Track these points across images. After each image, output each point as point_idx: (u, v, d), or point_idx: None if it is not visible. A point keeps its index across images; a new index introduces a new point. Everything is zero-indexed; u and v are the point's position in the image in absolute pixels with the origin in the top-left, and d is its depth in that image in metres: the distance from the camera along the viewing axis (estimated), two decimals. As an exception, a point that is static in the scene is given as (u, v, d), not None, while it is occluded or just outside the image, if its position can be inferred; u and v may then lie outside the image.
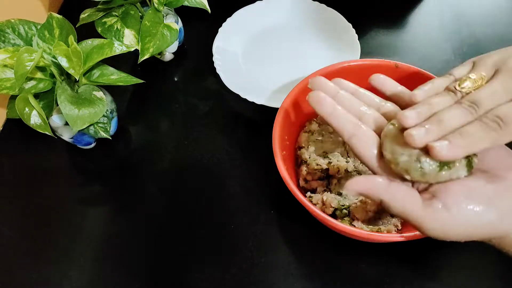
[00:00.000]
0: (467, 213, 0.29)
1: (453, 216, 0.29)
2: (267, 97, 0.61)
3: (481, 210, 0.29)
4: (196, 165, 0.60)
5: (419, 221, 0.30)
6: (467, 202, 0.29)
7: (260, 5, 0.72)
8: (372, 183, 0.31)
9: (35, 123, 0.52)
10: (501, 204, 0.30)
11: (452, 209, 0.29)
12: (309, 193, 0.53)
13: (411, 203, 0.30)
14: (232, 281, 0.50)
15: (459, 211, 0.29)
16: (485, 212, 0.29)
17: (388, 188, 0.31)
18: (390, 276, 0.50)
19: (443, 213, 0.29)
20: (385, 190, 0.31)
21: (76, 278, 0.51)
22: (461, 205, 0.29)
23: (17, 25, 0.53)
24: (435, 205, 0.30)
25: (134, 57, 0.66)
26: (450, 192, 0.30)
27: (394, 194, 0.30)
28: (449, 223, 0.29)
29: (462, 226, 0.29)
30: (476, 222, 0.29)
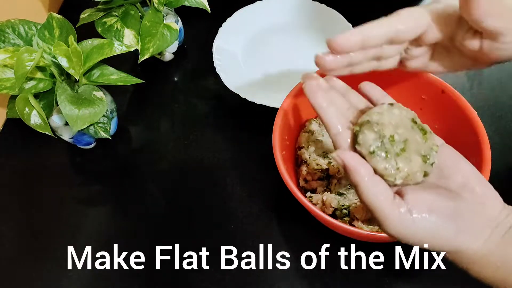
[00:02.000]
0: (427, 223, 0.31)
1: (415, 222, 0.31)
2: (267, 97, 0.61)
3: (440, 223, 0.31)
4: (196, 165, 0.60)
5: (384, 216, 0.32)
6: (429, 213, 0.31)
7: (260, 5, 0.72)
8: (361, 164, 0.32)
9: (35, 123, 0.52)
10: (458, 222, 0.32)
11: (415, 216, 0.31)
12: (309, 193, 0.53)
13: (384, 198, 0.32)
14: (232, 281, 0.50)
15: (421, 220, 0.31)
16: (443, 226, 0.31)
17: (371, 176, 0.32)
18: (390, 276, 0.50)
19: (407, 217, 0.31)
20: (368, 177, 0.32)
21: (76, 278, 0.51)
22: (423, 214, 0.31)
23: (17, 25, 0.53)
24: (402, 208, 0.32)
25: (134, 57, 0.66)
26: (417, 200, 0.32)
27: (373, 185, 0.32)
28: (409, 227, 0.31)
29: (420, 233, 0.31)
30: (433, 233, 0.32)
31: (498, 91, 0.64)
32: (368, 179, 0.32)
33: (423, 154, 0.34)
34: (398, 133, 0.34)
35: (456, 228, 0.31)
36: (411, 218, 0.31)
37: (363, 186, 0.32)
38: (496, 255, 0.31)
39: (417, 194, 0.32)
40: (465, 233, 0.32)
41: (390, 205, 0.32)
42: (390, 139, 0.33)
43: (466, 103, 0.49)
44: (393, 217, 0.31)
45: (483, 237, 0.32)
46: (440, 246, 0.32)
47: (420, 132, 0.35)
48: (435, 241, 0.32)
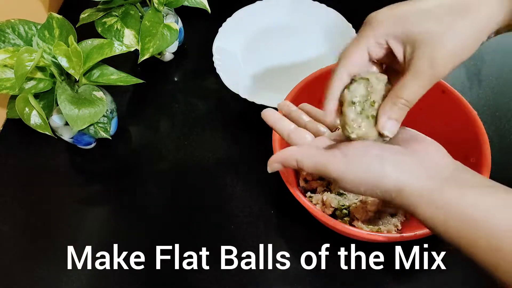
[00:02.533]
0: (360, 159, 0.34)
1: (348, 160, 0.34)
2: (267, 97, 0.61)
3: (372, 160, 0.34)
4: (196, 165, 0.60)
5: (323, 163, 0.35)
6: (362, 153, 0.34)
7: (260, 5, 0.72)
8: (286, 151, 0.38)
9: (35, 123, 0.52)
10: (394, 160, 0.34)
11: (348, 155, 0.34)
12: (309, 193, 0.53)
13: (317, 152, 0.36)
14: (232, 281, 0.50)
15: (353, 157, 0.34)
16: (376, 163, 0.34)
17: (299, 149, 0.38)
18: (390, 276, 0.50)
19: (340, 157, 0.35)
20: (297, 151, 0.37)
21: (76, 278, 0.51)
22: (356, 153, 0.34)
23: (17, 25, 0.53)
24: (335, 152, 0.35)
25: (134, 57, 0.66)
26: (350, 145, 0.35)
27: (305, 150, 0.37)
28: (344, 164, 0.34)
29: (354, 170, 0.34)
30: (366, 168, 0.34)
31: (498, 91, 0.64)
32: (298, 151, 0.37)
33: None
34: (379, 103, 0.36)
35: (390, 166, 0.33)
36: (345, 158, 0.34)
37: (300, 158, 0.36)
38: (435, 195, 0.32)
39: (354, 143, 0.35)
40: (402, 172, 0.33)
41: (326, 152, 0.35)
42: (371, 103, 0.36)
43: (466, 103, 0.49)
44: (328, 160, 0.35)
45: (422, 177, 0.33)
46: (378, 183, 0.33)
47: None
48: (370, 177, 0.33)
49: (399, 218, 0.51)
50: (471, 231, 0.30)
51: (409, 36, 0.35)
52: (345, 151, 0.35)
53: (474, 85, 0.65)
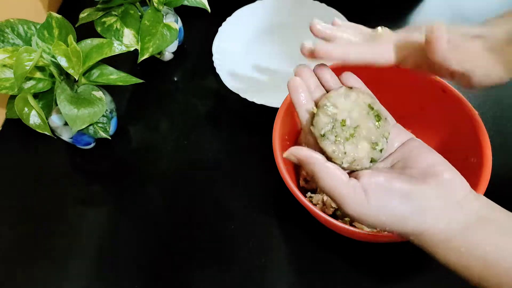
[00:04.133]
0: (382, 202, 0.32)
1: (370, 202, 0.32)
2: (267, 97, 0.61)
3: (395, 202, 0.32)
4: (195, 165, 0.60)
5: (341, 197, 0.33)
6: (384, 193, 0.32)
7: (260, 4, 0.72)
8: (312, 155, 0.34)
9: (35, 123, 0.52)
10: (416, 202, 0.32)
11: (369, 193, 0.32)
12: (309, 193, 0.53)
13: (338, 179, 0.33)
14: (232, 281, 0.50)
15: (375, 197, 0.32)
16: (398, 204, 0.32)
17: (323, 163, 0.34)
18: (390, 276, 0.50)
19: (362, 196, 0.32)
20: (321, 164, 0.34)
21: (76, 278, 0.51)
22: (377, 192, 0.32)
23: (16, 24, 0.53)
24: (356, 186, 0.33)
25: (133, 57, 0.66)
26: (372, 182, 0.33)
27: (327, 170, 0.33)
28: (365, 206, 0.32)
29: (375, 212, 0.32)
30: (388, 211, 0.32)
31: (499, 91, 0.64)
32: (322, 165, 0.33)
33: (373, 141, 0.35)
34: (351, 118, 0.35)
35: (414, 208, 0.32)
36: (365, 197, 0.32)
37: (318, 172, 0.33)
38: (458, 240, 0.31)
39: (373, 177, 0.33)
40: (425, 214, 0.32)
41: (345, 186, 0.33)
42: (341, 124, 0.35)
43: (467, 102, 0.49)
44: (349, 197, 0.32)
45: (444, 219, 0.32)
46: (400, 226, 0.32)
47: (374, 119, 0.36)
48: (391, 220, 0.32)
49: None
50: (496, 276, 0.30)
51: None
52: (366, 185, 0.33)
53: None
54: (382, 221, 0.32)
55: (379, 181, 0.33)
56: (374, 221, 0.32)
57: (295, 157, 0.35)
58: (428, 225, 0.32)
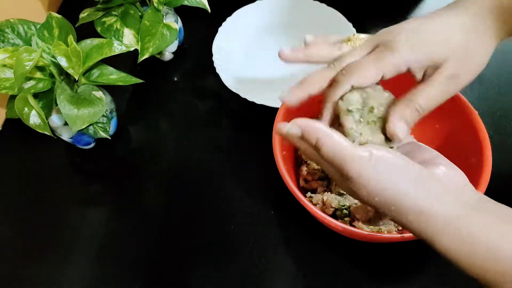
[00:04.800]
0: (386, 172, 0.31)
1: (374, 164, 0.31)
2: (267, 97, 0.61)
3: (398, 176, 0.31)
4: (196, 165, 0.60)
5: (344, 158, 0.31)
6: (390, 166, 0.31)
7: (260, 4, 0.72)
8: (314, 123, 0.33)
9: (35, 123, 0.52)
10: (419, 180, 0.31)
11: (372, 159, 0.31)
12: (309, 193, 0.53)
13: (342, 143, 0.32)
14: (232, 281, 0.50)
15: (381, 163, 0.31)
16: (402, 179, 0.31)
17: (326, 129, 0.32)
18: (390, 276, 0.50)
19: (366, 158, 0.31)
20: (324, 131, 0.32)
21: (76, 278, 0.51)
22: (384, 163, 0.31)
23: (16, 24, 0.53)
24: (362, 149, 0.31)
25: (133, 57, 0.66)
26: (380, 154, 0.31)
27: (332, 135, 0.32)
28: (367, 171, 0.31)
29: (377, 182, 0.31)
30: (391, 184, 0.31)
31: (499, 91, 0.64)
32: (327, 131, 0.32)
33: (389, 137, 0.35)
34: (379, 109, 0.35)
35: (417, 185, 0.31)
36: (370, 162, 0.31)
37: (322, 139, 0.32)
38: (461, 224, 0.30)
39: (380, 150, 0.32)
40: (426, 192, 0.31)
41: (353, 147, 0.32)
42: (369, 109, 0.35)
43: (466, 102, 0.49)
44: (353, 157, 0.31)
45: (447, 201, 0.31)
46: (401, 199, 0.31)
47: None
48: (395, 192, 0.31)
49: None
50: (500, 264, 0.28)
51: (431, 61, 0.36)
52: (373, 152, 0.31)
53: (475, 85, 0.65)
54: (384, 189, 0.31)
55: (388, 156, 0.32)
56: (371, 192, 0.31)
57: (298, 126, 0.33)
58: (428, 203, 0.30)
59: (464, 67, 0.36)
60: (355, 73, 0.36)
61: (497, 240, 0.29)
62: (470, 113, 0.49)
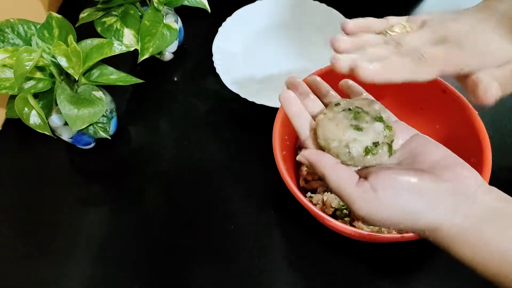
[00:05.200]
0: (392, 198, 0.31)
1: (379, 198, 0.31)
2: (267, 97, 0.61)
3: (406, 197, 0.31)
4: (196, 165, 0.60)
5: (350, 198, 0.32)
6: (393, 189, 0.31)
7: (260, 4, 0.72)
8: (323, 158, 0.35)
9: (35, 123, 0.52)
10: (428, 196, 0.31)
11: (378, 191, 0.31)
12: (309, 193, 0.53)
13: (347, 181, 0.33)
14: (232, 281, 0.50)
15: (384, 194, 0.31)
16: (410, 200, 0.31)
17: (333, 166, 0.34)
18: (390, 276, 0.50)
19: (371, 194, 0.32)
20: (331, 167, 0.34)
21: (76, 278, 0.51)
22: (387, 188, 0.31)
23: (16, 24, 0.53)
24: (365, 185, 0.32)
25: (133, 57, 0.66)
26: (379, 176, 0.32)
27: (337, 172, 0.34)
28: (374, 204, 0.31)
29: (386, 209, 0.31)
30: (400, 208, 0.31)
31: (498, 91, 0.64)
32: (332, 167, 0.34)
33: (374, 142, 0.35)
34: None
35: (426, 202, 0.31)
36: (375, 195, 0.31)
37: (328, 174, 0.34)
38: (473, 234, 0.30)
39: (381, 173, 0.32)
40: (438, 209, 0.31)
41: (354, 186, 0.32)
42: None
43: (467, 103, 0.49)
44: (358, 196, 0.32)
45: (458, 214, 0.31)
46: (413, 222, 0.31)
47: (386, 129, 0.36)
48: (403, 217, 0.31)
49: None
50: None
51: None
52: (374, 182, 0.32)
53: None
54: (394, 219, 0.31)
55: (388, 177, 0.32)
56: (386, 220, 0.32)
57: (306, 160, 0.36)
58: (441, 220, 0.31)
59: None
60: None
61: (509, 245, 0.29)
62: (470, 113, 0.49)
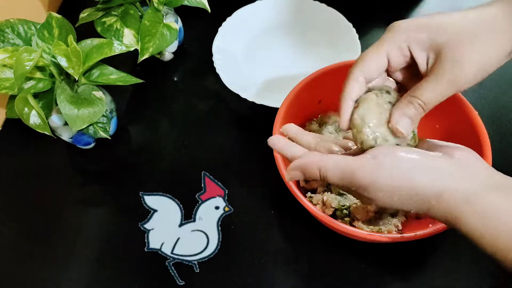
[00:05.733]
0: (394, 163, 0.31)
1: (380, 163, 0.31)
2: (267, 97, 0.61)
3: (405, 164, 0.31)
4: (195, 165, 0.59)
5: (350, 169, 0.32)
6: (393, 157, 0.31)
7: (260, 4, 0.72)
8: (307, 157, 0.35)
9: (35, 123, 0.52)
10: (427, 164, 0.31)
11: (379, 157, 0.31)
12: (309, 193, 0.53)
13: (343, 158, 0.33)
14: (232, 281, 0.50)
15: (385, 160, 0.31)
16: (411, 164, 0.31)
17: (322, 156, 0.34)
18: (390, 276, 0.50)
19: (371, 160, 0.31)
20: (321, 158, 0.34)
21: (76, 278, 0.51)
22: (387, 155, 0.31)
23: (16, 24, 0.53)
24: (364, 156, 0.32)
25: (133, 57, 0.66)
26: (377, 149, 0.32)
27: (329, 157, 0.34)
28: (376, 170, 0.31)
29: (390, 176, 0.31)
30: (404, 172, 0.31)
31: (498, 91, 0.64)
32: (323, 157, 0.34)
33: None
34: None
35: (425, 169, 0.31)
36: (376, 161, 0.31)
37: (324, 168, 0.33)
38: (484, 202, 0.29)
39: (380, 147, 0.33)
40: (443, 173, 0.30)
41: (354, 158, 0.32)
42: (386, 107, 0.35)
43: (466, 102, 0.49)
44: (359, 165, 0.32)
45: (466, 178, 0.30)
46: (419, 188, 0.30)
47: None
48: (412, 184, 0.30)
49: (400, 218, 0.51)
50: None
51: (433, 42, 0.34)
52: (374, 154, 0.32)
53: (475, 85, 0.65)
54: (395, 183, 0.31)
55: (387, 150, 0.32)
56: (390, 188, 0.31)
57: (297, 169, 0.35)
58: (448, 184, 0.30)
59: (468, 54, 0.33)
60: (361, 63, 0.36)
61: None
62: (470, 113, 0.49)
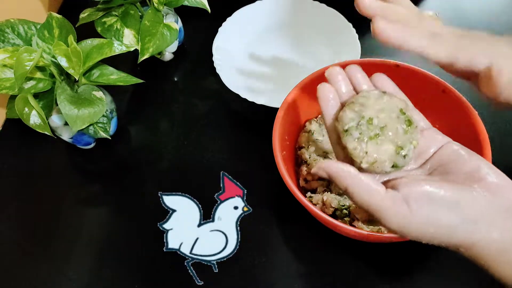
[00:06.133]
0: (426, 212, 0.29)
1: (412, 212, 0.29)
2: (267, 97, 0.61)
3: (441, 212, 0.29)
4: (196, 165, 0.60)
5: (379, 211, 0.30)
6: (427, 202, 0.30)
7: (260, 4, 0.72)
8: (342, 169, 0.32)
9: (35, 123, 0.52)
10: (464, 210, 0.29)
11: (411, 204, 0.30)
12: (309, 193, 0.53)
13: (374, 193, 0.31)
14: (232, 281, 0.50)
15: (417, 207, 0.29)
16: (445, 214, 0.29)
17: (355, 176, 0.31)
18: (390, 276, 0.50)
19: (403, 206, 0.30)
20: (352, 178, 0.31)
21: (76, 278, 0.51)
22: (420, 201, 0.29)
23: (16, 24, 0.53)
24: (395, 197, 0.30)
25: (133, 57, 0.66)
26: (410, 188, 0.30)
27: (361, 183, 0.31)
28: (407, 217, 0.30)
29: (420, 224, 0.30)
30: (435, 223, 0.29)
31: (498, 91, 0.64)
32: (355, 178, 0.31)
33: (398, 145, 0.33)
34: (379, 118, 0.33)
35: (461, 216, 0.29)
36: (407, 208, 0.30)
37: (351, 187, 0.31)
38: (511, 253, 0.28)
39: (414, 185, 0.30)
40: (475, 223, 0.29)
41: (384, 199, 0.30)
42: (368, 122, 0.33)
43: (466, 102, 0.49)
44: (389, 210, 0.30)
45: (497, 228, 0.29)
46: (446, 237, 0.30)
47: (404, 123, 0.34)
48: (438, 231, 0.29)
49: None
50: None
51: None
52: (407, 195, 0.30)
53: (475, 85, 0.65)
54: (430, 233, 0.30)
55: (422, 189, 0.30)
56: (420, 234, 0.30)
57: (325, 172, 0.32)
58: (479, 235, 0.29)
59: None
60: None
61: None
62: (470, 113, 0.49)
